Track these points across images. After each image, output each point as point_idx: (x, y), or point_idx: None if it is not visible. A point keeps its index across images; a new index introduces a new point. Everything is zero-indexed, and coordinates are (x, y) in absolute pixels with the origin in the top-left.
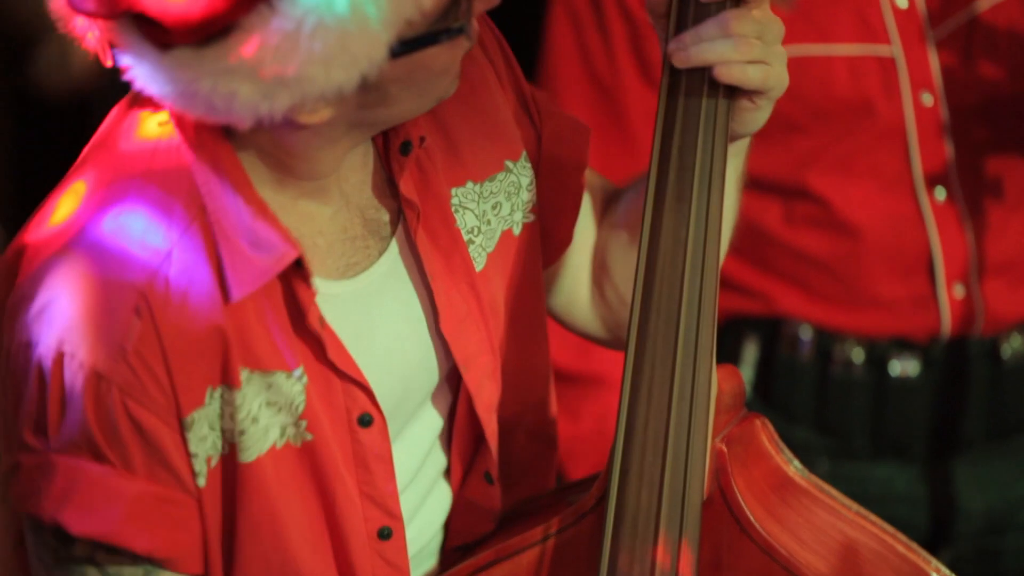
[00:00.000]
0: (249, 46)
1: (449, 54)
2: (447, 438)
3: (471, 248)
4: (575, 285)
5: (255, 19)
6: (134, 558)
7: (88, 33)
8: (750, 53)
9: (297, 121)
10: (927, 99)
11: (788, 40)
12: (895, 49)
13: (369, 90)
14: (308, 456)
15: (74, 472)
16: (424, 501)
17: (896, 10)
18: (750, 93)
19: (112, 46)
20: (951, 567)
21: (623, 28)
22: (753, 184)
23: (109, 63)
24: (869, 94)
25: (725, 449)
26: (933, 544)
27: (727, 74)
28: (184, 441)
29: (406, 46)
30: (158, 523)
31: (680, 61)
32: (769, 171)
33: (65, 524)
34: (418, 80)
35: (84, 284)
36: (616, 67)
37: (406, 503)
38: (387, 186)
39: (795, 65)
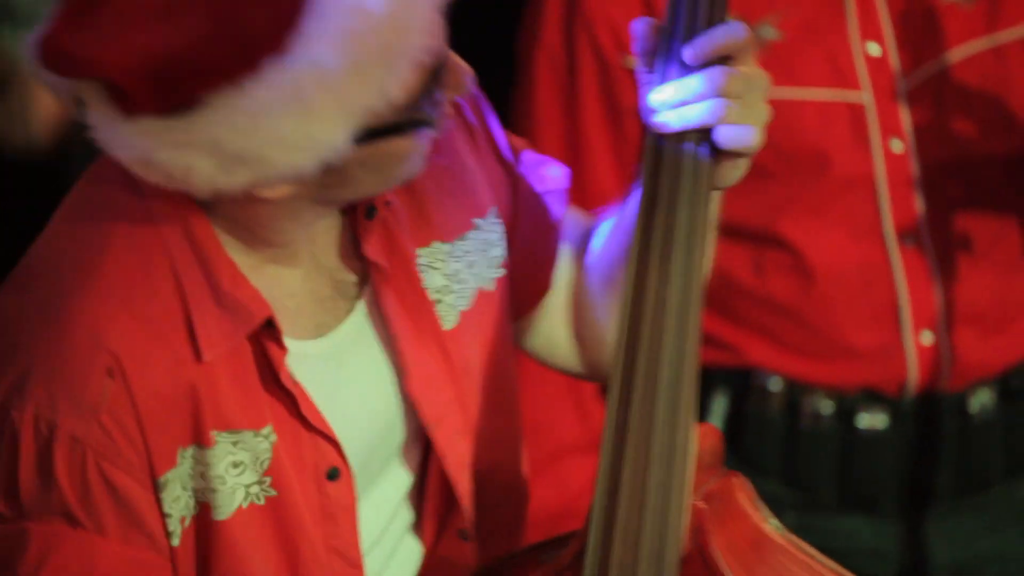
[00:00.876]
0: (211, 123)
1: (414, 141)
2: (416, 495)
3: (438, 307)
4: (553, 326)
5: (220, 97)
6: None
7: (56, 85)
8: (744, 116)
9: (257, 195)
10: (897, 146)
11: None
12: (865, 96)
13: (331, 172)
14: (272, 513)
15: (48, 538)
16: (391, 557)
17: (868, 57)
18: (733, 153)
19: (80, 102)
20: None
21: (594, 72)
22: (723, 231)
23: (77, 118)
24: (839, 140)
25: (704, 507)
26: None
27: (728, 139)
28: (158, 501)
29: (371, 135)
30: None
31: (664, 122)
32: (740, 217)
33: None
34: (381, 165)
35: (55, 344)
36: (582, 110)
37: (373, 561)
38: (353, 247)
39: None
